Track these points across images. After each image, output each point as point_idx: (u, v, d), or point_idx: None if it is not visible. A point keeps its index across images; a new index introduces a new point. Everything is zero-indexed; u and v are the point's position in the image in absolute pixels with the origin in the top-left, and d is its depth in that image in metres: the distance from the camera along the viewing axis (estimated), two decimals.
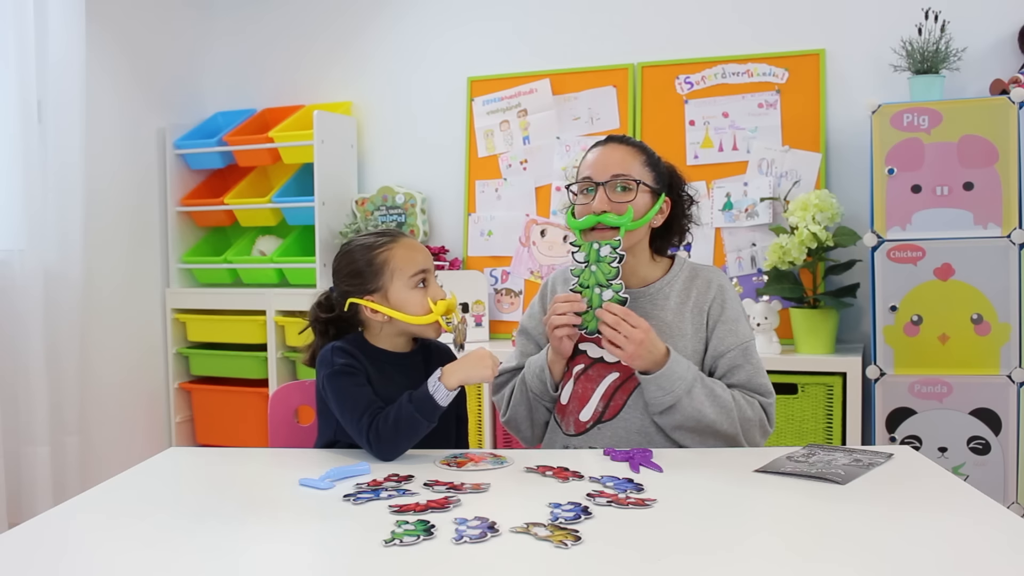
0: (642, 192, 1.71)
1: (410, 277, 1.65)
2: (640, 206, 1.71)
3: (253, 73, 3.75)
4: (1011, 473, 2.51)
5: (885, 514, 1.22)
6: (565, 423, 1.77)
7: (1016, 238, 2.48)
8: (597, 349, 1.75)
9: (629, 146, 1.76)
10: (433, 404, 1.52)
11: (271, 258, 3.44)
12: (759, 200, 2.97)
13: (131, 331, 3.42)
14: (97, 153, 3.21)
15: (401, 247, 1.67)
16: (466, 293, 3.29)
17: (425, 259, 1.68)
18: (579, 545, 1.10)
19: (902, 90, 2.81)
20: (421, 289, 1.65)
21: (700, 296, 1.75)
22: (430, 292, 1.66)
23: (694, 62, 3.14)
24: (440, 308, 1.65)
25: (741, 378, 1.71)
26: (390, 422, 1.51)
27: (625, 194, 1.70)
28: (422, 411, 1.51)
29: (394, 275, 1.64)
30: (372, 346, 1.68)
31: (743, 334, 1.73)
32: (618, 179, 1.70)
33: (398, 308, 1.64)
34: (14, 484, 2.82)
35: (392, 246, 1.66)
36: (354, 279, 1.67)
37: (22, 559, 1.13)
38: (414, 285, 1.65)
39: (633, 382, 1.71)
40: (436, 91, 3.50)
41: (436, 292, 1.67)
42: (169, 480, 1.51)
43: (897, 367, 2.59)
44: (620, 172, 1.71)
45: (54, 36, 2.94)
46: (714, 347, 1.72)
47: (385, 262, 1.65)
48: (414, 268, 1.65)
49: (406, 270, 1.65)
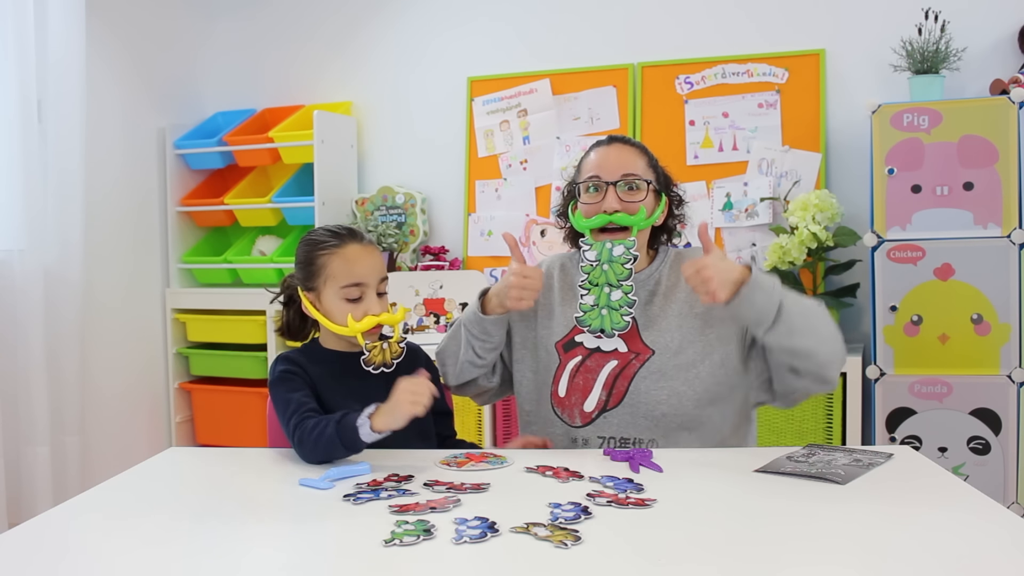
0: (650, 192, 1.74)
1: (341, 287, 1.61)
2: (648, 205, 1.73)
3: (253, 73, 3.75)
4: (1011, 473, 2.50)
5: (885, 514, 1.22)
6: (569, 415, 1.76)
7: (1016, 238, 2.48)
8: (593, 340, 1.75)
9: (633, 147, 1.78)
10: (355, 437, 1.46)
11: (271, 258, 3.44)
12: (759, 200, 2.97)
13: (131, 331, 3.42)
14: (97, 153, 3.21)
15: (341, 255, 1.62)
16: (466, 293, 3.28)
17: (365, 271, 1.62)
18: (579, 545, 1.10)
19: (902, 90, 2.81)
20: (352, 303, 1.61)
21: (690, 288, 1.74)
22: (363, 305, 1.61)
23: (694, 62, 3.14)
24: (360, 325, 1.59)
25: None
26: (312, 434, 1.49)
27: (635, 193, 1.72)
28: (343, 439, 1.47)
29: (327, 281, 1.62)
30: (324, 349, 1.69)
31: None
32: (627, 179, 1.71)
33: (326, 315, 1.63)
34: (14, 484, 2.82)
35: (334, 251, 1.62)
36: (299, 271, 1.68)
37: (22, 559, 1.13)
38: (344, 297, 1.61)
39: (632, 368, 1.72)
40: (436, 91, 3.50)
41: (371, 307, 1.61)
42: (169, 480, 1.51)
43: (897, 367, 2.59)
44: (629, 172, 1.72)
45: (54, 35, 2.94)
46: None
47: (323, 266, 1.63)
48: (347, 280, 1.61)
49: (339, 279, 1.61)
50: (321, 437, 1.48)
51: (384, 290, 1.67)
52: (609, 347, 1.74)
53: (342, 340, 1.66)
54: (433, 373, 1.72)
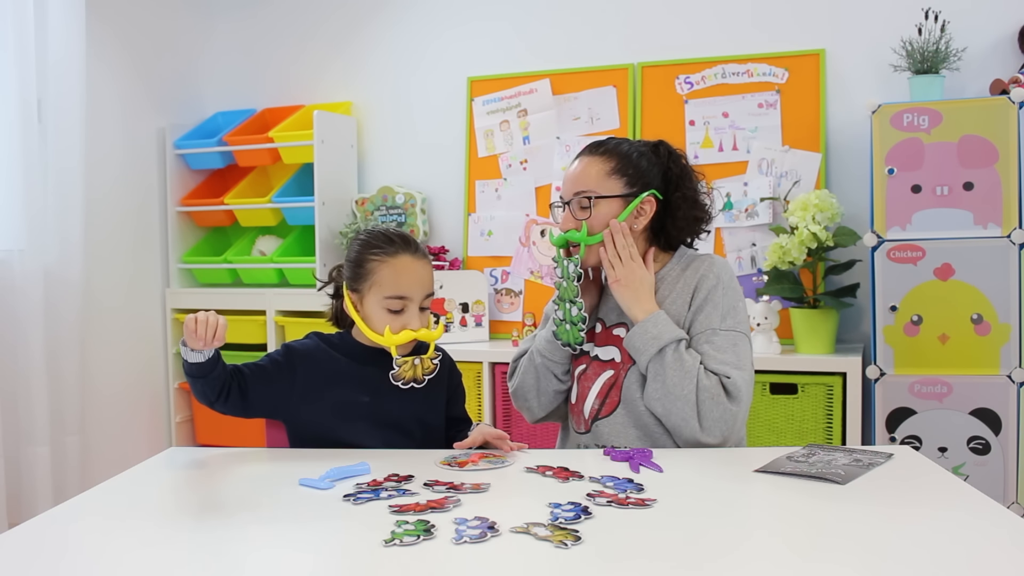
0: (606, 203, 1.71)
1: (385, 297, 1.60)
2: (598, 219, 1.72)
3: (253, 73, 3.75)
4: (1011, 473, 2.50)
5: (885, 514, 1.22)
6: (576, 421, 1.80)
7: (1016, 238, 2.48)
8: (594, 348, 1.78)
9: (597, 156, 1.75)
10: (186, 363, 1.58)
11: (271, 258, 3.44)
12: (759, 200, 2.97)
13: (131, 331, 3.43)
14: (97, 153, 3.21)
15: (392, 265, 1.61)
16: (466, 293, 3.29)
17: (411, 286, 1.61)
18: (579, 545, 1.10)
19: (902, 90, 2.81)
20: (394, 314, 1.60)
21: (686, 285, 1.73)
22: (403, 318, 1.60)
23: (694, 62, 3.14)
24: (397, 338, 1.59)
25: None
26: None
27: (583, 212, 1.73)
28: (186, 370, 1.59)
29: (372, 287, 1.62)
30: (355, 342, 1.70)
31: (711, 322, 1.67)
32: (577, 196, 1.74)
33: (365, 319, 1.64)
34: (14, 484, 2.82)
35: (385, 259, 1.61)
36: (348, 268, 1.68)
37: (22, 559, 1.13)
38: (387, 307, 1.61)
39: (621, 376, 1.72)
40: (436, 91, 3.50)
41: (409, 321, 1.60)
42: (169, 480, 1.51)
43: (897, 367, 2.59)
44: (579, 189, 1.74)
45: (54, 36, 2.94)
46: (690, 333, 1.70)
47: (371, 271, 1.62)
48: (393, 291, 1.60)
49: (384, 289, 1.61)
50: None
51: (427, 305, 1.65)
52: (607, 356, 1.75)
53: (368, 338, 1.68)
54: (456, 377, 1.78)
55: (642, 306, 1.68)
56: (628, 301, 1.69)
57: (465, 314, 3.28)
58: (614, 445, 1.70)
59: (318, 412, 1.64)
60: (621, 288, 1.69)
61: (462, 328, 3.27)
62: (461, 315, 3.27)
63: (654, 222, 1.77)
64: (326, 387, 1.65)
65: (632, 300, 1.69)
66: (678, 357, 1.62)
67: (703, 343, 1.67)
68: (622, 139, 1.81)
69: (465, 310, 3.28)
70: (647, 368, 1.66)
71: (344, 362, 1.67)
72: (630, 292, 1.69)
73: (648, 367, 1.65)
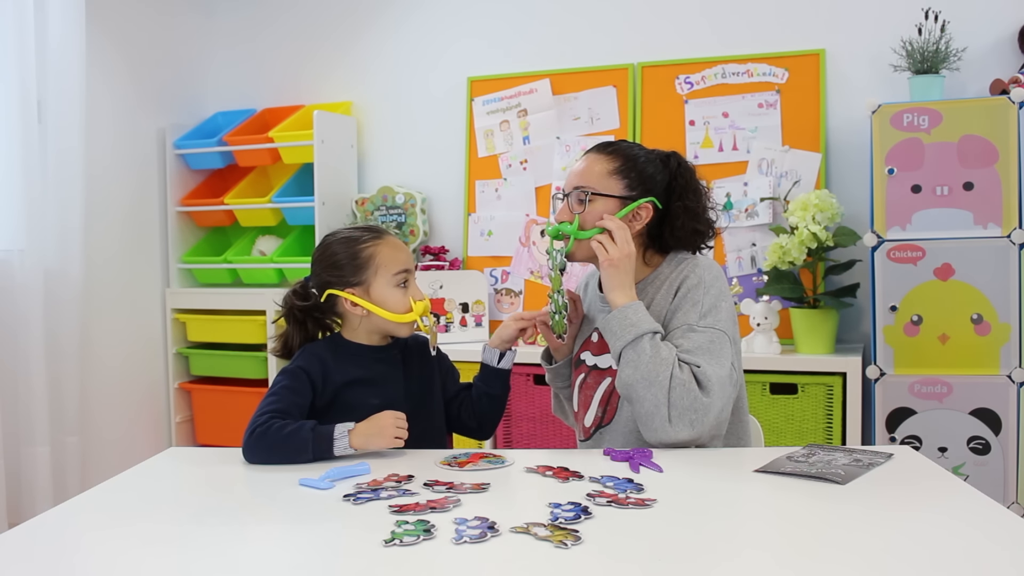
0: (602, 201, 1.71)
1: (393, 275, 1.67)
2: (592, 216, 1.71)
3: (253, 73, 3.75)
4: (1011, 473, 2.50)
5: (885, 514, 1.22)
6: (579, 429, 1.83)
7: (1016, 238, 2.48)
8: (592, 358, 1.78)
9: (603, 154, 1.75)
10: (328, 448, 1.51)
11: (271, 258, 3.44)
12: (759, 200, 2.97)
13: (131, 331, 3.42)
14: (97, 153, 3.21)
15: (387, 245, 1.69)
16: (466, 293, 3.29)
17: (408, 259, 1.71)
18: (579, 545, 1.10)
19: (902, 90, 2.81)
20: (403, 288, 1.68)
21: (671, 286, 1.71)
22: (410, 292, 1.69)
23: (694, 62, 3.14)
24: (419, 309, 1.67)
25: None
26: (281, 433, 1.51)
27: (579, 206, 1.73)
28: (315, 447, 1.50)
29: (378, 271, 1.67)
30: (348, 342, 1.71)
31: (688, 318, 1.65)
32: (576, 190, 1.74)
33: (379, 304, 1.66)
34: (14, 484, 2.82)
35: (379, 243, 1.69)
36: (335, 271, 1.68)
37: (22, 559, 1.13)
38: (396, 284, 1.67)
39: None
40: (436, 91, 3.50)
41: (416, 293, 1.69)
42: (169, 480, 1.51)
43: (897, 367, 2.59)
44: (579, 184, 1.74)
45: (54, 36, 2.94)
46: (667, 330, 1.68)
47: (371, 257, 1.67)
48: (398, 267, 1.68)
49: (391, 268, 1.67)
50: (290, 438, 1.50)
51: None
52: (605, 364, 1.75)
53: (371, 334, 1.71)
54: (441, 355, 1.82)
55: (625, 292, 1.67)
56: (614, 283, 1.66)
57: (465, 314, 3.28)
58: None
59: (342, 418, 1.61)
60: (611, 268, 1.67)
61: (462, 328, 3.27)
62: (461, 315, 3.27)
63: (652, 229, 1.75)
64: (347, 391, 1.66)
65: (617, 284, 1.67)
66: (655, 346, 1.60)
67: (678, 338, 1.63)
68: (634, 143, 1.81)
69: (465, 310, 3.28)
70: (620, 354, 1.63)
71: (351, 366, 1.67)
72: (619, 275, 1.67)
73: (622, 353, 1.62)
